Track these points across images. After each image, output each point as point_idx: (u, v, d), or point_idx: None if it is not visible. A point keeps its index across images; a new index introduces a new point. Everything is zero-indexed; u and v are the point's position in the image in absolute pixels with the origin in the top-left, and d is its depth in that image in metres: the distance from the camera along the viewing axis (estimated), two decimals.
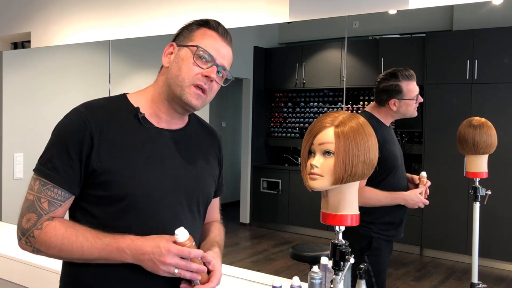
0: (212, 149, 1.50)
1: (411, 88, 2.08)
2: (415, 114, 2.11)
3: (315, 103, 3.19)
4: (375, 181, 1.94)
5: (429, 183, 2.05)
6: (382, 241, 2.09)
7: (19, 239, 1.28)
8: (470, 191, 2.06)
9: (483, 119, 2.02)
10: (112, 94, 3.07)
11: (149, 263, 1.20)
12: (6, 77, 3.64)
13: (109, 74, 3.09)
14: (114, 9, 3.03)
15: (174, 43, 1.37)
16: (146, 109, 1.36)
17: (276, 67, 3.58)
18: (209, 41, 1.33)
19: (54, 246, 1.25)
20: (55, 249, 1.25)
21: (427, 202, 2.05)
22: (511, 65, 2.21)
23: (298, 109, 3.34)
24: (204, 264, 1.26)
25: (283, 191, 3.45)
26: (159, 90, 1.36)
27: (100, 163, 1.25)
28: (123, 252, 1.21)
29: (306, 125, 3.30)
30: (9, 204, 3.66)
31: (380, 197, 2.05)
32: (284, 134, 3.46)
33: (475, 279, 2.01)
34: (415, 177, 2.10)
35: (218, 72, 1.33)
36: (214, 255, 1.31)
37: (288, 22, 2.37)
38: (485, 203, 2.04)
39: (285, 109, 3.42)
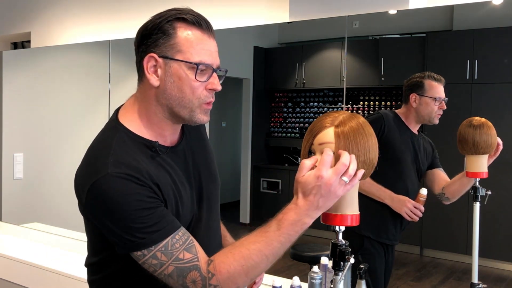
0: (205, 138, 1.43)
1: (434, 88, 2.10)
2: (436, 120, 2.12)
3: (315, 103, 3.19)
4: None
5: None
6: (375, 242, 2.11)
7: None
8: (470, 191, 2.06)
9: (483, 119, 2.01)
10: (112, 94, 3.08)
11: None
12: (6, 77, 3.64)
13: (109, 74, 3.09)
14: (114, 9, 3.03)
15: (154, 55, 1.18)
16: (149, 134, 1.23)
17: (276, 67, 3.58)
18: (199, 47, 1.17)
19: (239, 274, 1.12)
20: (242, 275, 1.12)
21: (415, 218, 2.08)
22: (511, 65, 2.21)
23: (298, 109, 3.34)
24: None
25: (283, 191, 3.45)
26: (154, 110, 1.21)
27: None
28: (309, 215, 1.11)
29: (306, 125, 3.30)
30: (9, 204, 3.65)
31: (366, 183, 2.03)
32: (284, 134, 3.45)
33: (475, 279, 2.01)
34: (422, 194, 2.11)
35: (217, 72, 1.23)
36: None
37: (288, 22, 2.37)
38: (485, 203, 2.04)
39: (285, 109, 3.42)
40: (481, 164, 2.01)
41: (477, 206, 2.03)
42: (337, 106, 2.96)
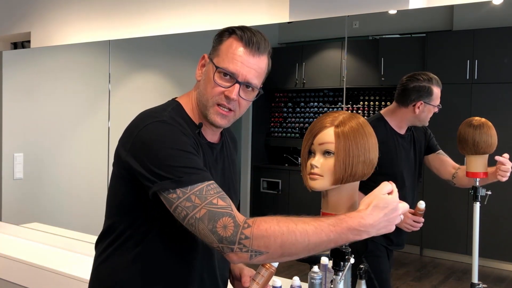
0: (236, 155, 1.55)
1: (438, 96, 2.09)
2: (427, 123, 2.12)
3: (315, 103, 3.19)
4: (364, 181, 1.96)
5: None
6: (378, 244, 2.10)
7: (231, 251, 1.12)
8: (470, 191, 2.05)
9: (483, 119, 2.01)
10: (112, 94, 3.08)
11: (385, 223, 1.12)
12: (6, 77, 3.64)
13: (109, 74, 3.09)
14: (114, 9, 3.03)
15: (206, 55, 1.36)
16: (195, 119, 1.37)
17: (276, 67, 3.58)
18: (233, 55, 1.28)
19: (274, 240, 1.10)
20: (277, 243, 1.10)
21: (414, 228, 2.03)
22: (511, 65, 2.21)
23: (298, 109, 3.34)
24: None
25: (283, 191, 3.45)
26: (196, 102, 1.36)
27: None
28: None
29: (306, 125, 3.30)
30: (9, 204, 3.65)
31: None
32: (284, 134, 3.45)
33: (475, 279, 2.01)
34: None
35: (245, 86, 1.30)
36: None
37: (288, 22, 2.37)
38: (485, 203, 2.03)
39: (285, 109, 3.42)
40: (481, 164, 2.01)
41: (477, 206, 2.03)
42: (337, 106, 2.96)
